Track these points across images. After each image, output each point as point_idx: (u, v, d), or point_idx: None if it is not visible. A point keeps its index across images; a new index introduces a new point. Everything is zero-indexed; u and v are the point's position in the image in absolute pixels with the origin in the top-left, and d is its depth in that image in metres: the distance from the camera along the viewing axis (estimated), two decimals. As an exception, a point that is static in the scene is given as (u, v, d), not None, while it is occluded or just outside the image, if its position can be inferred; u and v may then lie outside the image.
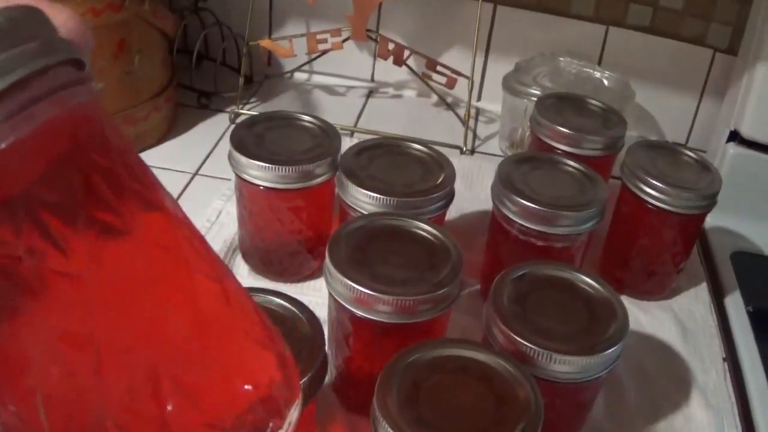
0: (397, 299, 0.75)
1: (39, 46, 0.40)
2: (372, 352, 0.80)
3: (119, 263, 0.42)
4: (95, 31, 1.07)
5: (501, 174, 0.96)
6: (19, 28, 0.39)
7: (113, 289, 0.42)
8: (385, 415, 0.62)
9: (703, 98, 1.44)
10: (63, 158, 0.41)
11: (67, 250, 0.40)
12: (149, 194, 0.45)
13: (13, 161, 0.38)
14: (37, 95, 0.39)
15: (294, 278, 1.01)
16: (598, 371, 0.74)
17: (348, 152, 0.96)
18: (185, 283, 0.45)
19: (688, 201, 0.99)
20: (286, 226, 0.96)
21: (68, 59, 0.42)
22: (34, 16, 0.41)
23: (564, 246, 0.94)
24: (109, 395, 0.41)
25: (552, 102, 1.15)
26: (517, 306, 0.77)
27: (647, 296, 1.09)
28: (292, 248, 0.98)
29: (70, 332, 0.40)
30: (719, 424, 0.92)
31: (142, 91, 1.26)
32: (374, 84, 1.54)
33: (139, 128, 1.26)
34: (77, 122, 0.42)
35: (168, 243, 0.45)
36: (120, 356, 0.41)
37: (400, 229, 0.84)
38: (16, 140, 0.38)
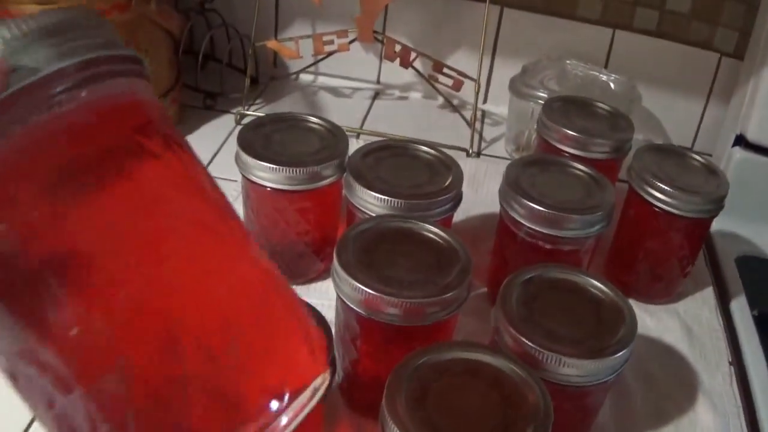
0: (406, 302, 0.74)
1: (106, 40, 0.50)
2: (379, 355, 0.80)
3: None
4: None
5: (509, 176, 0.96)
6: (92, 22, 0.50)
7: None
8: (394, 417, 0.62)
9: (709, 102, 1.43)
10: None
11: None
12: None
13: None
14: (102, 72, 0.49)
15: (301, 280, 1.00)
16: (607, 375, 0.74)
17: (355, 154, 0.96)
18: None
19: (695, 205, 0.99)
20: (292, 227, 0.96)
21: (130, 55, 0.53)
22: (99, 18, 0.51)
23: (572, 249, 0.94)
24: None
25: (559, 105, 1.15)
26: (525, 309, 0.76)
27: (654, 300, 1.08)
28: (299, 250, 0.98)
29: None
30: (725, 428, 0.92)
31: (149, 91, 1.25)
32: (380, 86, 1.54)
33: (145, 129, 1.25)
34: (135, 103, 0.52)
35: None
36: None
37: (409, 231, 0.84)
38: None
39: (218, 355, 0.47)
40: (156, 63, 1.26)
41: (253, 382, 0.49)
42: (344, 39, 1.34)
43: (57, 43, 0.47)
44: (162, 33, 1.28)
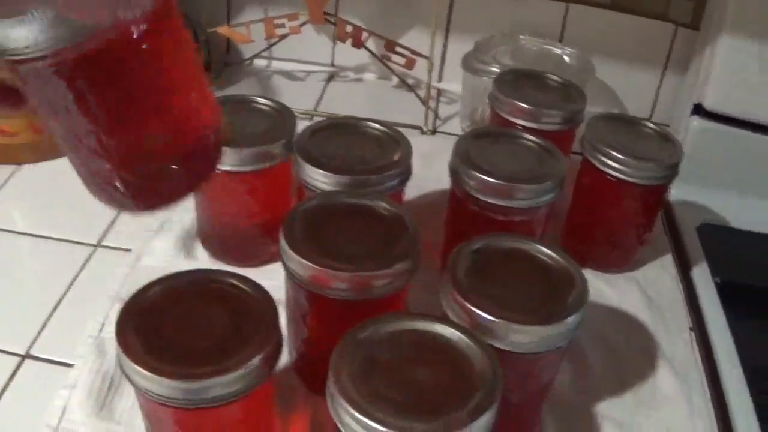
0: (352, 275, 0.74)
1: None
2: (330, 331, 0.79)
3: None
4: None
5: (458, 149, 0.95)
6: None
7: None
8: (341, 391, 0.62)
9: (666, 73, 1.43)
10: None
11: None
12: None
13: None
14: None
15: (254, 263, 0.99)
16: (558, 341, 0.73)
17: (303, 132, 0.95)
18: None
19: (649, 172, 0.99)
20: (243, 209, 0.95)
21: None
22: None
23: (523, 219, 0.93)
24: None
25: (511, 78, 1.14)
26: (474, 278, 0.76)
27: (611, 268, 1.08)
28: (251, 232, 0.97)
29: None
30: (687, 393, 0.92)
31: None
32: (335, 68, 1.53)
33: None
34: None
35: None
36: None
37: (356, 206, 0.83)
38: None
39: None
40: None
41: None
42: (295, 22, 1.33)
43: None
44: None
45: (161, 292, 0.71)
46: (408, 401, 0.61)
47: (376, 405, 0.60)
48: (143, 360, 0.64)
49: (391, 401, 0.61)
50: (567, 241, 1.10)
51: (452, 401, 0.62)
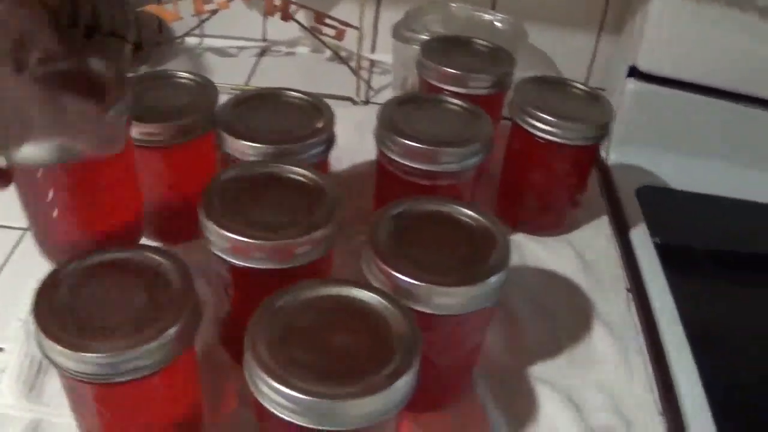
0: (273, 244, 0.73)
1: None
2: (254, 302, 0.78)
3: None
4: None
5: (382, 115, 0.94)
6: None
7: None
8: (257, 359, 0.61)
9: (601, 36, 1.43)
10: None
11: None
12: None
13: None
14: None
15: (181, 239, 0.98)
16: (483, 302, 0.73)
17: (225, 104, 0.94)
18: None
19: (578, 132, 0.99)
20: (166, 184, 0.94)
21: None
22: None
23: (450, 184, 0.92)
24: None
25: (438, 45, 1.13)
26: (395, 242, 0.75)
27: (545, 231, 1.08)
28: (175, 208, 0.96)
29: None
30: (623, 352, 0.92)
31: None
32: (266, 43, 1.52)
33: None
34: None
35: None
36: None
37: (276, 175, 0.82)
38: None
39: None
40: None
41: None
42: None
43: None
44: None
45: (78, 268, 0.70)
46: (326, 367, 0.61)
47: (293, 372, 0.60)
48: (59, 337, 0.63)
49: (308, 368, 0.60)
50: (501, 205, 1.10)
51: (371, 366, 0.61)
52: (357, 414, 0.59)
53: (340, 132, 0.95)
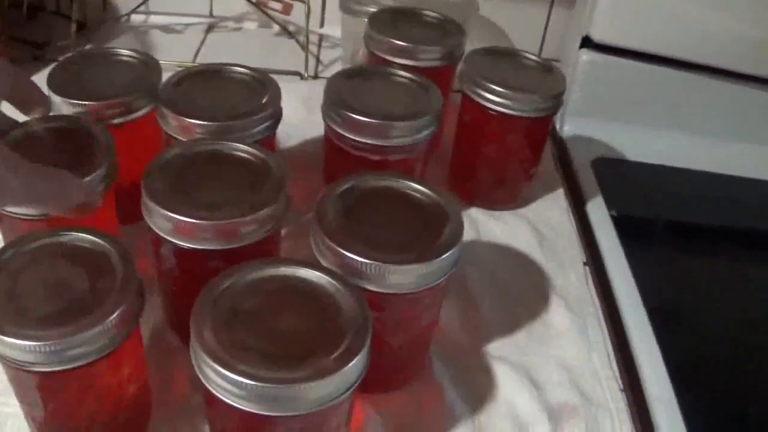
0: (216, 224, 0.71)
1: None
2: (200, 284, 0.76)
3: None
4: None
5: (329, 89, 0.92)
6: None
7: None
8: (202, 345, 0.59)
9: (553, 7, 1.42)
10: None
11: None
12: None
13: None
14: None
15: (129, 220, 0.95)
16: (435, 279, 0.71)
17: (167, 82, 0.91)
18: None
19: (531, 104, 0.97)
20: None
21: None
22: None
23: (400, 158, 0.91)
24: None
25: (386, 16, 1.11)
26: (344, 219, 0.73)
27: (500, 206, 1.07)
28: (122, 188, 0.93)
29: None
30: (582, 327, 0.91)
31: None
32: (214, 18, 1.49)
33: (-31, 85, 1.20)
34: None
35: None
36: None
37: (220, 153, 0.80)
38: None
39: None
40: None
41: None
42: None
43: None
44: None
45: (16, 253, 0.67)
46: (273, 350, 0.59)
47: (239, 357, 0.58)
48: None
49: (255, 351, 0.59)
50: (453, 180, 1.08)
51: (320, 348, 0.59)
52: (307, 398, 0.57)
53: (288, 108, 0.93)
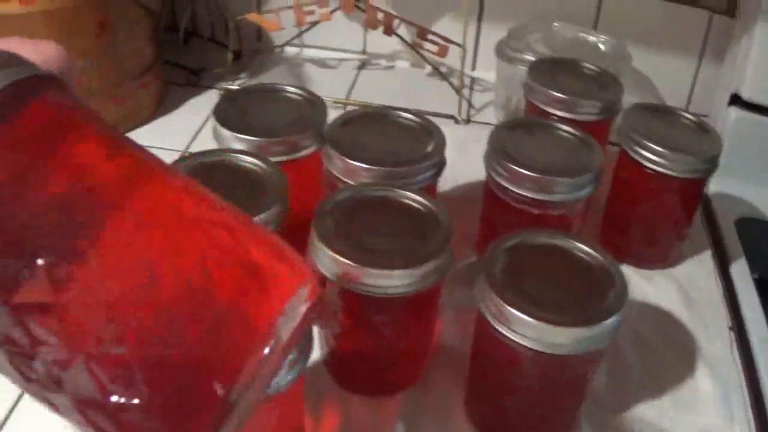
0: (385, 272, 0.72)
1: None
2: (362, 327, 0.78)
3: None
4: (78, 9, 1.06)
5: (493, 140, 0.93)
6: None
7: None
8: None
9: (702, 62, 1.41)
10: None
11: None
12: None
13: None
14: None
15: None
16: (596, 342, 0.71)
17: (334, 123, 0.93)
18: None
19: (688, 165, 0.96)
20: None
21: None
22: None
23: (560, 213, 0.91)
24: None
25: (546, 67, 1.12)
26: (510, 275, 0.73)
27: (649, 264, 1.06)
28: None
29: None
30: (725, 394, 0.90)
31: (128, 69, 1.24)
32: (366, 56, 1.51)
33: (127, 107, 1.25)
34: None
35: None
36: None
37: (388, 199, 0.81)
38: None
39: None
40: (135, 40, 1.24)
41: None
42: (325, 8, 1.31)
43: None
44: (140, 9, 1.25)
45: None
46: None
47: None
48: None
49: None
50: (605, 235, 1.08)
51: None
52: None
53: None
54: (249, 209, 0.77)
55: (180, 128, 1.28)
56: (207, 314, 0.46)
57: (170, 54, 1.38)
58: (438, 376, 0.87)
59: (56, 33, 1.10)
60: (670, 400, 0.89)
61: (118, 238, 0.46)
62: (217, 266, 0.48)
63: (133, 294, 0.45)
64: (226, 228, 0.50)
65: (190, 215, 0.50)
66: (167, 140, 1.24)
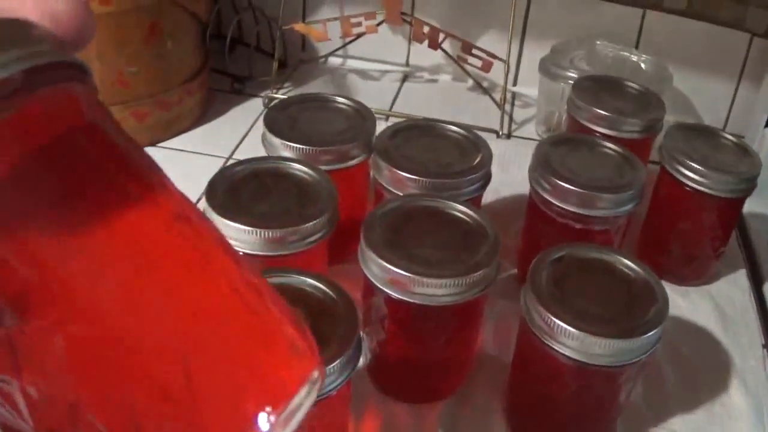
0: (432, 281, 0.74)
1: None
2: (408, 335, 0.79)
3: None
4: (126, 15, 1.08)
5: (538, 155, 0.95)
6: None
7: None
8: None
9: (741, 83, 1.41)
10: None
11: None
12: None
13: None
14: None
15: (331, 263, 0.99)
16: (637, 355, 0.73)
17: (383, 133, 0.95)
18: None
19: (727, 184, 0.97)
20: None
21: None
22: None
23: (602, 229, 0.92)
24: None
25: (589, 84, 1.13)
26: (555, 288, 0.75)
27: (686, 281, 1.07)
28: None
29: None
30: (758, 411, 0.90)
31: (175, 75, 1.26)
32: (409, 68, 1.53)
33: (172, 113, 1.26)
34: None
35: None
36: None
37: (436, 210, 0.83)
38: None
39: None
40: (182, 47, 1.26)
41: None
42: (372, 21, 1.33)
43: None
44: (188, 17, 1.27)
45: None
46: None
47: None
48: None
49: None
50: (643, 251, 1.09)
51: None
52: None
53: (487, 166, 0.96)
54: (300, 217, 0.79)
55: (224, 135, 1.30)
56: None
57: (216, 61, 1.40)
58: (479, 385, 0.88)
59: (105, 38, 1.12)
60: (704, 414, 0.90)
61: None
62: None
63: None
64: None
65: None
66: (211, 147, 1.26)
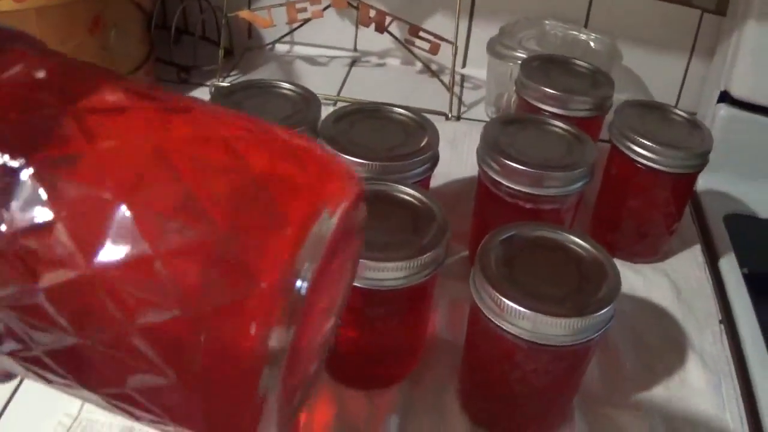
0: (381, 265, 0.72)
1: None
2: (359, 320, 0.78)
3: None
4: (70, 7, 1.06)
5: (486, 136, 0.94)
6: None
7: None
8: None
9: (692, 59, 1.42)
10: None
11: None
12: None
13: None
14: None
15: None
16: (591, 333, 0.72)
17: (328, 118, 0.94)
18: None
19: (679, 160, 0.97)
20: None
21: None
22: None
23: (553, 208, 0.92)
24: None
25: (537, 64, 1.12)
26: (505, 268, 0.74)
27: (640, 259, 1.07)
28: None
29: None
30: (716, 386, 0.90)
31: (120, 66, 1.24)
32: (357, 53, 1.52)
33: (117, 104, 1.24)
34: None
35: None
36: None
37: (383, 193, 0.82)
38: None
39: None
40: (127, 38, 1.24)
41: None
42: (317, 6, 1.31)
43: None
44: (132, 7, 1.26)
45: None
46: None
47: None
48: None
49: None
50: (596, 230, 1.09)
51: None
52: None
53: (435, 148, 0.95)
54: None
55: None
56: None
57: (161, 51, 1.38)
58: (432, 369, 0.87)
59: (49, 29, 1.10)
60: (662, 390, 0.89)
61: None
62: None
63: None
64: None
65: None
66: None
